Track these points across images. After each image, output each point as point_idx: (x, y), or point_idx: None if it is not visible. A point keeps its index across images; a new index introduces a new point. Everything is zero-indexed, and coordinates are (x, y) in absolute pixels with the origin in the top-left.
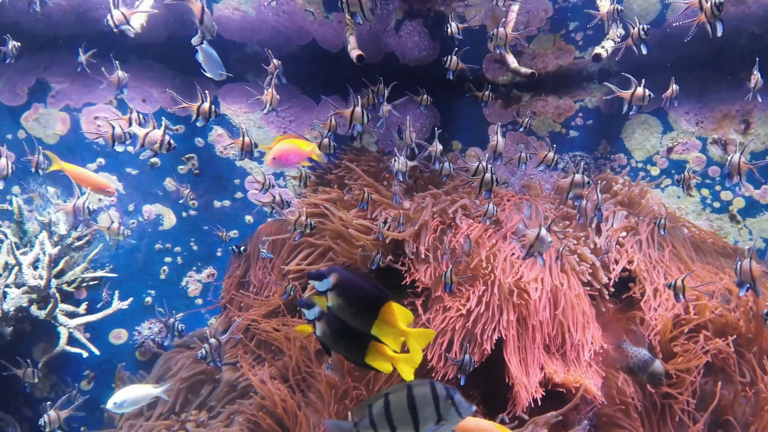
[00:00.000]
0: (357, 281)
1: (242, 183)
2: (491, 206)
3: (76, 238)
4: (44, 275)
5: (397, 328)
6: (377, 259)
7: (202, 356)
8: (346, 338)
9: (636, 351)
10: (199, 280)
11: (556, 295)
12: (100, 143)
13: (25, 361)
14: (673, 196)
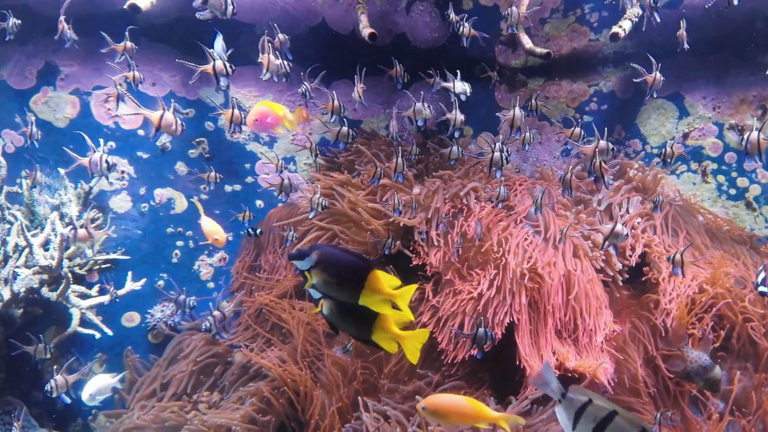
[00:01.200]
0: (339, 254)
1: (253, 168)
2: (503, 189)
3: (90, 220)
4: (56, 255)
5: (384, 293)
6: (388, 243)
7: (207, 328)
8: (352, 316)
9: (697, 356)
10: (211, 264)
11: (569, 279)
12: (111, 127)
13: (37, 337)
14: (688, 182)
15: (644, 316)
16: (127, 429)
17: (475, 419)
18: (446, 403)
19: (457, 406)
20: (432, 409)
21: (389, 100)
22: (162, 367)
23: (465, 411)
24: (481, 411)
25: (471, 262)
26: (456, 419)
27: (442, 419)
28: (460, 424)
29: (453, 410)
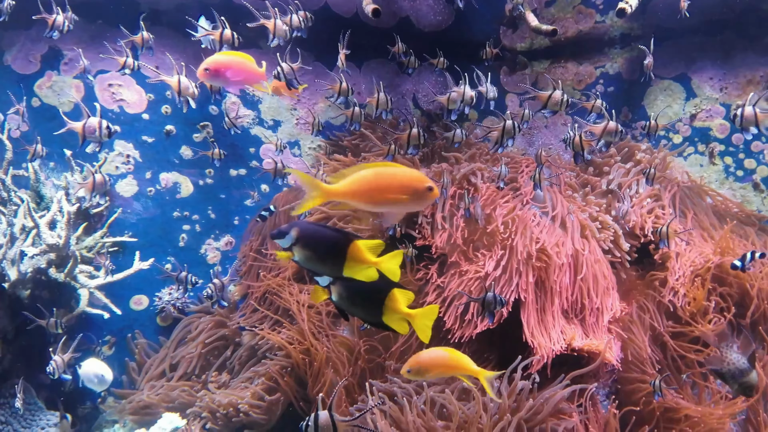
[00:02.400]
0: (319, 229)
1: (257, 152)
2: (504, 167)
3: (95, 205)
4: (63, 234)
5: (367, 261)
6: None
7: (208, 296)
8: (361, 299)
9: (736, 357)
10: (218, 248)
11: (577, 259)
12: (116, 111)
13: (51, 311)
14: (695, 164)
15: (651, 295)
16: (136, 408)
17: (456, 370)
18: (427, 357)
19: (438, 359)
20: (415, 368)
21: (393, 83)
22: (170, 348)
23: (446, 362)
24: (461, 362)
25: (477, 243)
26: (438, 371)
27: (426, 374)
28: (443, 375)
29: (434, 363)
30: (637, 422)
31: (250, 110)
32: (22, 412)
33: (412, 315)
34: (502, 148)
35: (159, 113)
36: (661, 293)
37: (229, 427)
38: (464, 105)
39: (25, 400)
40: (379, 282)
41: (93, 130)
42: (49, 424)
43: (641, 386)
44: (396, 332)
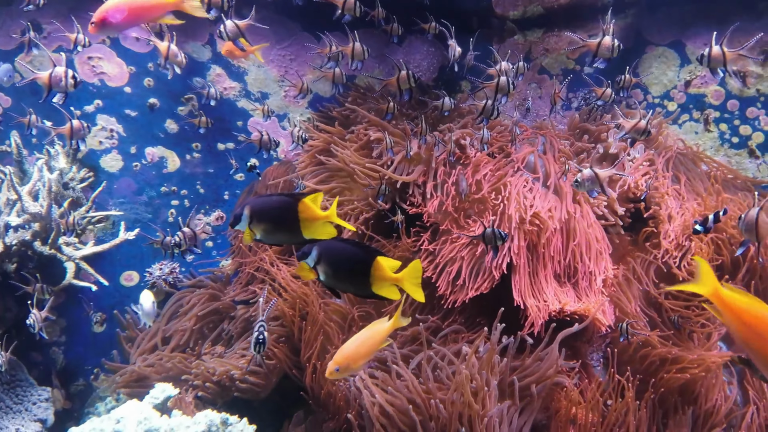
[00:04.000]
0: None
1: (245, 125)
2: (485, 131)
3: (80, 180)
4: (44, 203)
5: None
6: (382, 189)
7: (176, 243)
8: (348, 275)
9: None
10: (208, 223)
11: (569, 224)
12: (97, 84)
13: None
14: (690, 132)
15: (643, 258)
16: (128, 380)
17: (380, 343)
18: (351, 350)
19: (360, 347)
20: (344, 364)
21: (382, 54)
22: (162, 322)
23: (368, 345)
24: (379, 334)
25: (468, 211)
26: (365, 357)
27: (354, 366)
28: (371, 355)
29: (360, 353)
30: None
31: (235, 82)
32: (3, 369)
33: (399, 279)
34: (504, 99)
35: (141, 86)
36: (653, 255)
37: (223, 395)
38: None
39: (15, 375)
40: (361, 254)
41: (59, 79)
42: (41, 399)
43: (630, 343)
44: (389, 299)
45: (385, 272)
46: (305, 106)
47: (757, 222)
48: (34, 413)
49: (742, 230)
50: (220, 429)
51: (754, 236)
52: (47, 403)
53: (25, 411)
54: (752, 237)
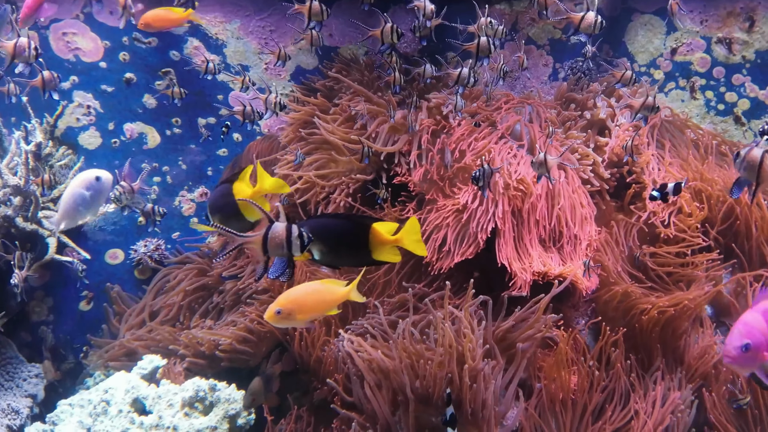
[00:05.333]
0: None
1: (226, 98)
2: (459, 99)
3: (58, 158)
4: (23, 174)
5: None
6: (366, 152)
7: (116, 197)
8: (346, 248)
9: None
10: (192, 199)
11: (554, 189)
12: (72, 60)
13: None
14: (677, 99)
15: (628, 222)
16: (117, 354)
17: (331, 304)
18: (298, 297)
19: (308, 297)
20: (287, 309)
21: (367, 25)
22: (149, 297)
23: (317, 299)
24: (332, 294)
25: (453, 180)
26: (311, 311)
27: (298, 316)
28: (318, 313)
29: (306, 304)
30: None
31: (214, 55)
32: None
33: (399, 239)
34: (485, 60)
35: (117, 61)
36: (637, 217)
37: (213, 365)
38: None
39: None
40: (355, 225)
41: (23, 49)
42: (31, 375)
43: (612, 296)
44: (391, 263)
45: (383, 236)
46: (287, 79)
47: (762, 163)
48: (25, 389)
49: (737, 168)
50: (208, 394)
51: (755, 176)
52: (37, 378)
53: (16, 387)
54: (752, 177)
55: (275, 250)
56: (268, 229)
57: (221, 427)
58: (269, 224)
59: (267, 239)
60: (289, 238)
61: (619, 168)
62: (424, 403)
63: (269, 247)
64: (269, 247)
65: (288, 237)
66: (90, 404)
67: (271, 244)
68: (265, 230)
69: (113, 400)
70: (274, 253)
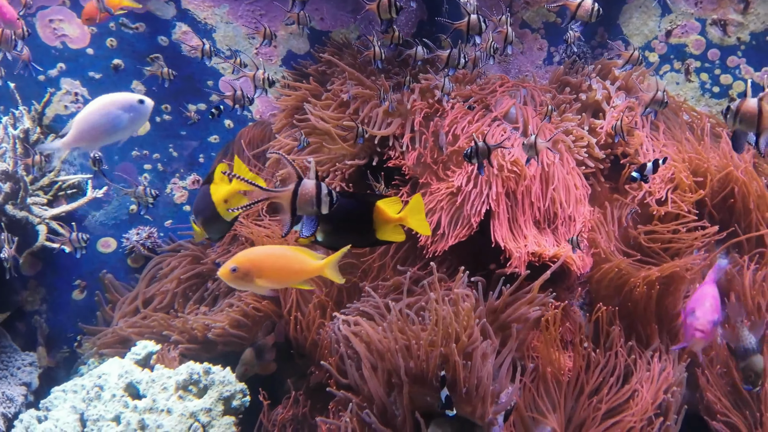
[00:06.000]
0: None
1: (216, 84)
2: (447, 81)
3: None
4: (10, 160)
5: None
6: (360, 132)
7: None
8: (350, 227)
9: (746, 336)
10: (184, 186)
11: (549, 170)
12: (59, 47)
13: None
14: (672, 82)
15: (623, 202)
16: (111, 342)
17: (298, 275)
18: (259, 257)
19: (269, 260)
20: (244, 268)
21: (358, 7)
22: (142, 285)
23: (281, 264)
24: (301, 264)
25: (447, 163)
26: (273, 278)
27: (255, 279)
28: (281, 282)
29: (265, 266)
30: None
31: (203, 40)
32: None
33: (402, 218)
34: (477, 38)
35: (104, 47)
36: (632, 197)
37: (209, 350)
38: None
39: None
40: (360, 203)
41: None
42: (25, 364)
43: (604, 274)
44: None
45: (387, 215)
46: (278, 64)
47: (762, 111)
48: (19, 377)
49: (730, 123)
50: (202, 377)
51: (754, 127)
52: (31, 367)
53: (10, 376)
54: (750, 128)
55: (305, 207)
56: (297, 184)
57: (216, 409)
58: (299, 180)
59: (297, 195)
60: (319, 195)
61: (614, 150)
62: (419, 383)
63: (299, 204)
64: (299, 204)
65: (318, 194)
66: (83, 389)
67: (300, 201)
68: (295, 185)
69: (107, 385)
70: (302, 211)
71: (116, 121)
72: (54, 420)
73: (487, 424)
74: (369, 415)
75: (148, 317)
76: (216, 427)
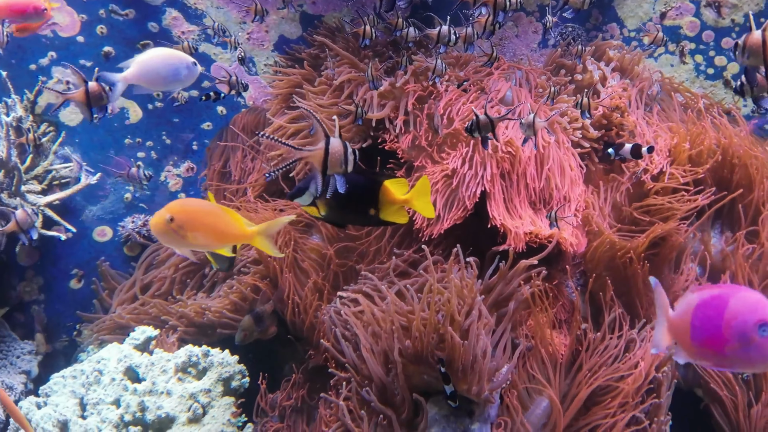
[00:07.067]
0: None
1: (208, 70)
2: (440, 61)
3: (41, 135)
4: (3, 147)
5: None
6: (359, 113)
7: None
8: (355, 204)
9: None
10: (179, 174)
11: (544, 151)
12: (49, 36)
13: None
14: (666, 64)
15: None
16: (109, 328)
17: (227, 237)
18: (195, 211)
19: (207, 217)
20: (180, 220)
21: None
22: (140, 272)
23: (215, 222)
24: (234, 228)
25: (442, 146)
26: (206, 235)
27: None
28: (209, 241)
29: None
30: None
31: (194, 26)
32: None
33: (408, 200)
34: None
35: (94, 35)
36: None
37: (208, 335)
38: None
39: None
40: (367, 181)
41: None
42: (24, 352)
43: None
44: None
45: (393, 196)
46: (271, 49)
47: (765, 42)
48: (19, 366)
49: (739, 59)
50: (201, 359)
51: (761, 60)
52: (30, 356)
53: (9, 365)
54: (758, 62)
55: (335, 166)
56: (327, 143)
57: (215, 390)
58: (327, 139)
59: (328, 153)
60: (346, 154)
61: (608, 131)
62: (416, 362)
63: (330, 163)
64: (330, 163)
65: (345, 152)
66: (83, 375)
67: (332, 160)
68: (325, 144)
69: (106, 370)
70: (333, 170)
71: (175, 71)
72: (53, 405)
73: (484, 400)
74: (368, 392)
75: (146, 304)
76: (216, 407)
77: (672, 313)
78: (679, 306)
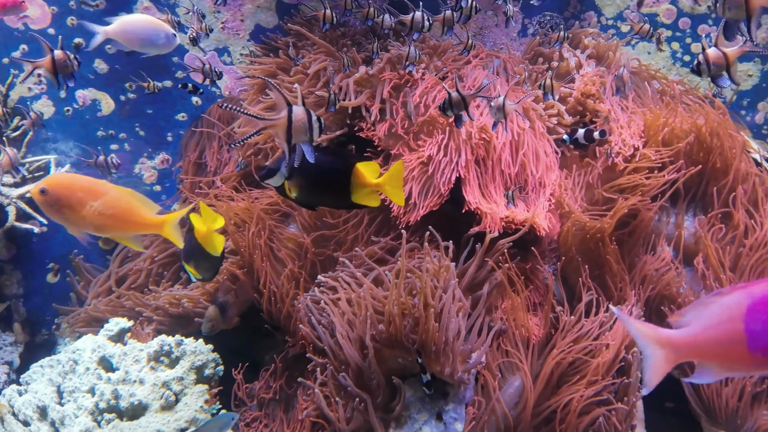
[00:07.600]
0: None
1: (182, 60)
2: (413, 48)
3: (12, 129)
4: None
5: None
6: (332, 99)
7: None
8: (326, 186)
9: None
10: (153, 166)
11: (519, 137)
12: (21, 29)
13: None
14: (643, 52)
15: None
16: (84, 320)
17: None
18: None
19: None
20: (55, 194)
21: None
22: (115, 265)
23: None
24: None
25: (419, 134)
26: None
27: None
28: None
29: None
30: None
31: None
32: None
33: (380, 184)
34: (417, 34)
35: (65, 26)
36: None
37: (184, 325)
38: None
39: None
40: (339, 162)
41: None
42: (5, 344)
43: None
44: (369, 207)
45: (365, 179)
46: (246, 39)
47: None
48: (1, 357)
49: (720, 12)
50: (174, 349)
51: (744, 12)
52: (12, 347)
53: None
54: (741, 15)
55: (299, 134)
56: (290, 111)
57: (188, 378)
58: (289, 107)
59: (291, 121)
60: (310, 121)
61: (583, 117)
62: (391, 346)
63: (294, 130)
64: (294, 130)
65: (309, 120)
66: (59, 364)
67: (295, 127)
68: (287, 113)
69: (81, 359)
70: (297, 138)
71: (154, 36)
72: (33, 392)
73: (458, 381)
74: (345, 378)
75: (122, 296)
76: (189, 395)
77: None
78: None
